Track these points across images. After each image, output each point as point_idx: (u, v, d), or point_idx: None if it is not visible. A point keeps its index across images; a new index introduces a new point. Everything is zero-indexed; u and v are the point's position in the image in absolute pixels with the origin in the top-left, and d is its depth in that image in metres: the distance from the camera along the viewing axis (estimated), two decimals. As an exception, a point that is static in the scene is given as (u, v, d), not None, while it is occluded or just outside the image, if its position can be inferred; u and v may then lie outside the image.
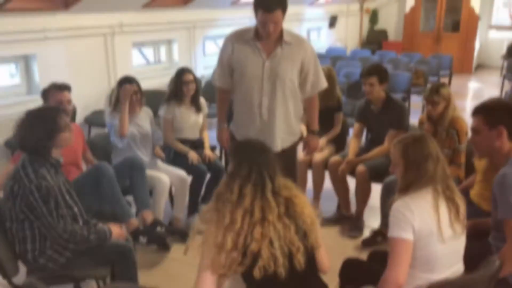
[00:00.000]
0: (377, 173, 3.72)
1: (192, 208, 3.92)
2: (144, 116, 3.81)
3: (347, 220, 3.97)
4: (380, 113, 3.82)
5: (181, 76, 4.01)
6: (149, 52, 7.09)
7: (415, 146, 2.10)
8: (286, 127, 3.03)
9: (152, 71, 6.82)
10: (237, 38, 2.95)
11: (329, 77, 4.27)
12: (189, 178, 3.86)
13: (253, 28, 2.92)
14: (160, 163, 3.84)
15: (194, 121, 4.08)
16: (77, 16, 5.34)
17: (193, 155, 3.86)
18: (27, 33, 4.91)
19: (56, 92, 3.31)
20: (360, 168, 3.69)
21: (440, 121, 3.44)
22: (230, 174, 1.91)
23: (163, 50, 7.08)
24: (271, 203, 1.83)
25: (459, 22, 11.92)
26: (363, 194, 3.80)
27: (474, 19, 11.66)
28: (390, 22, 12.97)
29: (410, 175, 2.07)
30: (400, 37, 12.64)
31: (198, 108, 4.10)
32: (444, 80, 9.22)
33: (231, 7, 7.74)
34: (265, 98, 2.92)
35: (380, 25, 13.01)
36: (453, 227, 2.03)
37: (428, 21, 12.63)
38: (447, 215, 2.03)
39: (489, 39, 13.05)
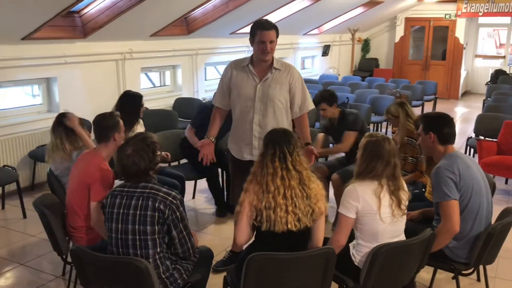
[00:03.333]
0: (349, 177, 4.32)
1: None
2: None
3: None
4: (338, 125, 4.57)
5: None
6: (155, 76, 7.76)
7: (373, 145, 2.65)
8: None
9: (158, 93, 7.48)
10: (236, 65, 3.44)
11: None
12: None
13: (249, 57, 3.42)
14: None
15: None
16: (93, 44, 6.01)
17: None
18: (50, 58, 5.56)
19: None
20: (334, 176, 4.30)
21: (398, 132, 4.19)
22: (262, 155, 2.54)
23: (168, 74, 7.75)
24: (292, 172, 2.46)
25: (446, 51, 12.66)
26: (339, 197, 4.40)
27: (459, 49, 12.40)
28: (381, 51, 13.71)
29: (361, 166, 2.65)
30: (391, 65, 13.36)
31: None
32: (429, 104, 9.90)
33: (229, 37, 8.44)
34: (256, 115, 3.43)
35: (372, 53, 13.76)
36: (393, 212, 2.58)
37: (417, 50, 13.37)
38: (388, 203, 2.57)
39: (475, 67, 13.78)
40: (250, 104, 3.39)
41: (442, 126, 2.91)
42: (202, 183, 4.77)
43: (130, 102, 4.21)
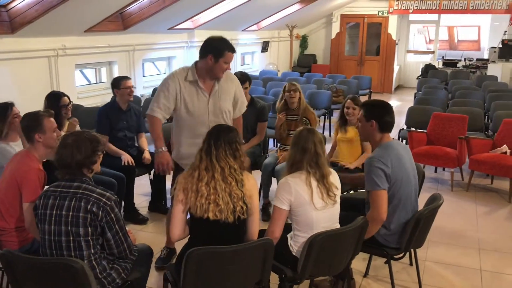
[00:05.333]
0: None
1: None
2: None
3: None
4: (246, 111, 4.68)
5: None
6: (91, 72, 7.54)
7: (293, 136, 2.79)
8: None
9: (94, 90, 7.27)
10: (183, 78, 3.27)
11: None
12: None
13: (192, 70, 3.28)
14: None
15: None
16: (22, 40, 5.75)
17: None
18: (-25, 55, 5.28)
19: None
20: None
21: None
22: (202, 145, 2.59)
23: (104, 71, 7.55)
24: (215, 165, 2.50)
25: (379, 47, 13.13)
26: None
27: (392, 44, 12.91)
28: (319, 47, 14.03)
29: (288, 157, 2.77)
30: (328, 61, 13.69)
31: None
32: (364, 98, 10.23)
33: (167, 32, 8.34)
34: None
35: (310, 49, 14.05)
36: (324, 200, 2.66)
37: (352, 46, 13.79)
38: (316, 190, 2.66)
39: (407, 62, 14.41)
40: (203, 118, 3.34)
41: (384, 114, 3.00)
42: (138, 182, 4.69)
43: (49, 103, 4.11)
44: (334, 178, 2.78)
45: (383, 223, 2.91)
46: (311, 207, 2.63)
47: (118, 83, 4.50)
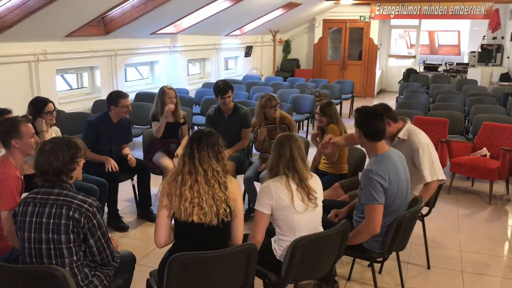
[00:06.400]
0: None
1: None
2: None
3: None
4: (230, 116, 4.83)
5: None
6: (72, 78, 7.46)
7: (275, 142, 2.79)
8: None
9: (76, 96, 7.20)
10: None
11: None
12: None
13: None
14: None
15: None
16: (2, 45, 5.66)
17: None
18: (-47, 60, 5.19)
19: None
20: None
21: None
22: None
23: (85, 76, 7.48)
24: (198, 168, 2.49)
25: (362, 52, 13.24)
26: None
27: (373, 49, 13.03)
28: (302, 52, 14.10)
29: (268, 162, 2.80)
30: (311, 65, 13.77)
31: None
32: (347, 102, 10.32)
33: (150, 37, 8.31)
34: None
35: (293, 54, 14.11)
36: (305, 203, 2.67)
37: (335, 51, 13.89)
38: (296, 194, 2.66)
39: (389, 67, 14.56)
40: None
41: (368, 123, 2.91)
42: (121, 188, 4.63)
43: (33, 109, 4.05)
44: (315, 182, 2.78)
45: None
46: (292, 210, 2.64)
47: (117, 101, 4.39)
